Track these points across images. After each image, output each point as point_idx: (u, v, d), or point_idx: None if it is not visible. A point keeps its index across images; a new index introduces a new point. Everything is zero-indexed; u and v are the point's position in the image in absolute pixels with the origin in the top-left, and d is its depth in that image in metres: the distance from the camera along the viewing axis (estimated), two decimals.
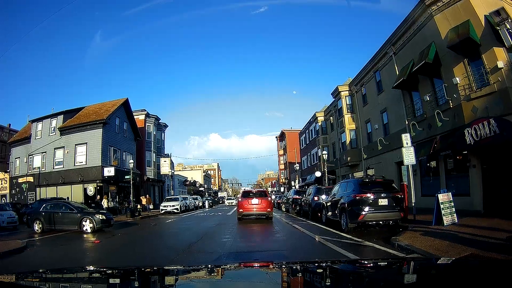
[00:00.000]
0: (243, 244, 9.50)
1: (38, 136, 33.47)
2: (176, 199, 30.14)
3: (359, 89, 26.68)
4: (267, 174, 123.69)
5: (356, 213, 10.82)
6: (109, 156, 30.84)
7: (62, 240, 11.79)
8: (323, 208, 14.30)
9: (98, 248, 10.13)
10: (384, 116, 23.03)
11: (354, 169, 27.05)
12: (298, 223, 14.73)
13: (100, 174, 29.27)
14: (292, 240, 10.28)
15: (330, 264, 2.42)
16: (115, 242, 11.07)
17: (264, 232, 12.45)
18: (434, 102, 18.19)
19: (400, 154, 21.59)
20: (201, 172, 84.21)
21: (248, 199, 16.58)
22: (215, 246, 8.92)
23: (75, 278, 2.05)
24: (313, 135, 40.25)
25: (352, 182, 11.87)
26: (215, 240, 10.26)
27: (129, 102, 35.14)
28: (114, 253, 9.04)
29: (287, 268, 2.31)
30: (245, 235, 11.36)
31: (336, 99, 28.97)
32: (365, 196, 10.97)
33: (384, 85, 23.15)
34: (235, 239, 10.22)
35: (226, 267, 2.70)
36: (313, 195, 17.27)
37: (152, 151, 39.10)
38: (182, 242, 10.34)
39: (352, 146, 26.40)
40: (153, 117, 40.08)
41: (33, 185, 31.95)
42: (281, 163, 68.91)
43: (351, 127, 26.69)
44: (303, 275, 2.12)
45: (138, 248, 9.59)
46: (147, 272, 2.25)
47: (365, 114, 25.35)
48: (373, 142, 24.00)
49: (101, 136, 30.21)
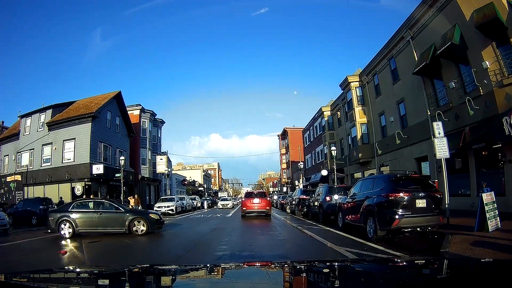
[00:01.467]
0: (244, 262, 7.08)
1: (27, 132, 31.32)
2: (171, 199, 27.83)
3: (371, 79, 24.33)
4: (268, 174, 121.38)
5: (388, 218, 8.47)
6: (98, 153, 28.53)
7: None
8: (339, 211, 11.94)
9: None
10: (401, 107, 20.69)
11: (366, 167, 24.66)
12: (309, 228, 12.36)
13: (88, 172, 26.99)
14: (309, 253, 7.91)
15: (330, 264, 2.39)
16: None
17: (269, 241, 10.05)
18: (461, 89, 16.15)
19: (421, 148, 19.44)
20: (200, 171, 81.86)
21: (250, 199, 18.92)
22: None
23: (63, 278, 1.96)
24: (318, 132, 37.86)
25: (381, 178, 9.49)
26: (208, 254, 7.92)
27: (122, 95, 32.89)
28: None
29: (288, 267, 2.22)
30: (246, 246, 8.97)
31: (345, 91, 26.59)
32: (399, 196, 8.62)
33: (401, 73, 20.85)
34: (233, 251, 7.82)
35: (226, 266, 2.58)
36: (324, 195, 14.93)
37: (148, 148, 36.75)
38: (164, 256, 8.07)
39: (364, 142, 24.02)
40: (148, 112, 37.74)
41: (21, 184, 29.68)
42: (283, 162, 66.47)
43: (362, 120, 24.31)
44: (304, 274, 2.06)
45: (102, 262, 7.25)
46: (144, 272, 2.22)
47: (378, 106, 22.99)
48: (388, 136, 21.63)
49: (89, 131, 27.93)
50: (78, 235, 11.70)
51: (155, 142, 39.25)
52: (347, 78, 25.61)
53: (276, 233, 11.81)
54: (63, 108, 31.70)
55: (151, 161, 37.16)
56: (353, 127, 25.02)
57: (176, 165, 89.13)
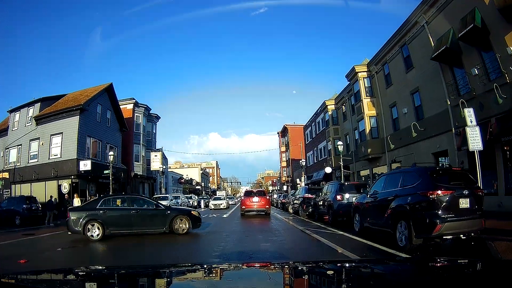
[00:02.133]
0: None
1: (15, 127, 29.57)
2: (164, 198, 25.93)
3: (380, 69, 22.50)
4: (266, 173, 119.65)
5: (428, 222, 6.65)
6: (87, 148, 26.64)
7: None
8: (356, 212, 10.10)
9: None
10: (416, 98, 18.89)
11: (375, 164, 22.82)
12: (318, 232, 10.51)
13: (75, 169, 25.12)
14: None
15: (331, 264, 2.37)
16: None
17: (274, 250, 8.13)
18: (485, 77, 14.60)
19: (439, 142, 17.58)
20: (198, 170, 79.91)
21: (249, 198, 18.65)
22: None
23: (68, 279, 1.91)
24: (320, 128, 35.97)
25: (415, 172, 7.60)
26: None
27: (113, 87, 31.02)
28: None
29: (288, 268, 2.20)
30: (244, 257, 7.07)
31: (351, 82, 24.72)
32: (441, 194, 6.80)
33: (415, 61, 19.09)
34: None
35: (225, 267, 2.49)
36: (334, 194, 13.08)
37: (141, 145, 34.84)
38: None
39: (373, 136, 22.16)
40: (142, 106, 35.81)
41: (9, 182, 27.80)
42: (283, 160, 64.58)
43: (371, 113, 22.45)
44: (305, 275, 2.05)
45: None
46: (140, 272, 2.21)
47: (389, 97, 21.16)
48: (400, 129, 19.80)
49: (77, 125, 26.01)
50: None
51: (149, 138, 37.32)
52: (354, 68, 23.76)
53: (281, 238, 9.95)
54: (53, 101, 29.88)
55: (145, 157, 35.26)
56: (361, 120, 23.15)
57: (174, 163, 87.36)
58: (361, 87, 23.19)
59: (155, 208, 11.16)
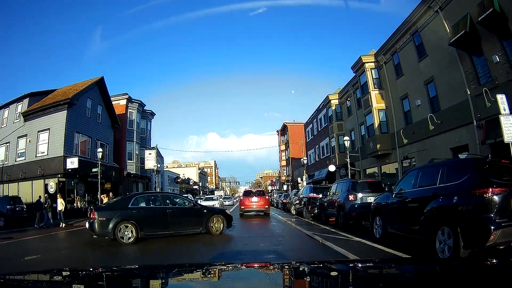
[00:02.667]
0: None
1: (4, 124, 27.97)
2: None
3: (389, 59, 20.91)
4: (265, 173, 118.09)
5: (481, 229, 5.07)
6: (75, 145, 24.98)
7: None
8: (376, 215, 8.51)
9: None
10: (431, 88, 17.33)
11: (384, 160, 21.20)
12: (330, 239, 8.89)
13: (61, 167, 23.44)
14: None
15: (332, 265, 2.28)
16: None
17: (282, 261, 6.54)
18: (508, 64, 13.48)
19: (458, 135, 15.93)
20: (196, 169, 78.18)
21: (248, 198, 18.09)
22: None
23: (66, 279, 1.84)
24: (323, 124, 34.33)
25: (459, 165, 6.04)
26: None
27: (104, 82, 29.32)
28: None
29: (287, 269, 2.09)
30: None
31: (357, 74, 23.10)
32: (496, 193, 5.21)
33: (428, 48, 17.54)
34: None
35: (223, 267, 2.31)
36: (345, 193, 11.49)
37: (135, 142, 33.16)
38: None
39: (382, 131, 20.55)
40: (136, 102, 34.12)
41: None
42: (282, 159, 62.93)
43: (379, 106, 20.84)
44: (304, 275, 1.97)
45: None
46: (137, 272, 2.14)
47: (400, 88, 19.56)
48: (413, 123, 18.21)
49: (65, 120, 24.35)
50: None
51: (143, 136, 35.62)
52: (360, 58, 22.16)
53: (288, 247, 8.33)
54: (42, 97, 28.22)
55: (138, 156, 33.58)
56: (368, 114, 21.52)
57: (171, 163, 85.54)
58: (369, 78, 21.59)
59: (192, 207, 10.54)
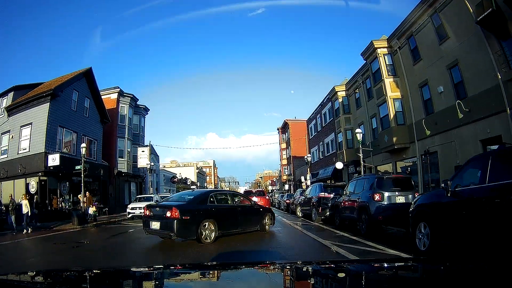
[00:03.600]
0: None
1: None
2: (148, 199, 22.12)
3: (405, 43, 18.76)
4: (265, 173, 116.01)
5: None
6: (58, 140, 22.80)
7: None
8: (421, 220, 6.36)
9: None
10: (454, 73, 15.20)
11: (399, 155, 18.99)
12: (358, 252, 6.72)
13: (42, 164, 21.27)
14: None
15: (332, 265, 2.26)
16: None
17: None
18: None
19: (490, 126, 13.62)
20: (194, 168, 75.99)
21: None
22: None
23: (63, 280, 1.79)
24: (328, 119, 32.15)
25: None
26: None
27: (93, 73, 27.13)
28: None
29: (288, 268, 2.06)
30: None
31: (368, 61, 20.94)
32: None
33: (450, 30, 15.50)
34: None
35: (222, 267, 2.26)
36: (370, 192, 9.36)
37: (126, 139, 30.94)
38: None
39: (398, 122, 18.37)
40: (128, 96, 31.88)
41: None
42: (283, 158, 60.73)
43: (395, 95, 18.68)
44: (305, 275, 1.92)
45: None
46: (135, 272, 2.07)
47: (418, 74, 17.42)
48: (435, 113, 16.06)
49: (47, 113, 22.18)
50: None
51: (136, 132, 33.40)
52: (372, 43, 20.01)
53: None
54: (28, 90, 26.01)
55: (131, 153, 31.37)
56: (382, 104, 19.32)
57: (170, 162, 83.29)
58: (382, 65, 19.43)
59: (252, 205, 10.80)
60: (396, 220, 9.22)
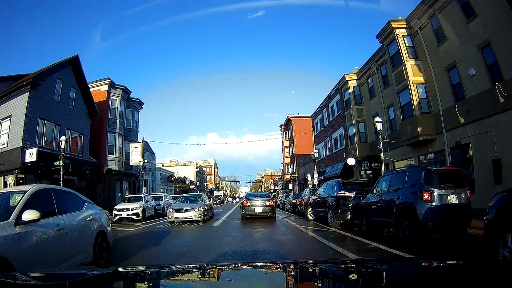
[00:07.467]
0: None
1: None
2: (138, 199, 19.83)
3: (426, 23, 16.42)
4: (266, 173, 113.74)
5: None
6: (38, 134, 20.50)
7: None
8: (509, 229, 4.01)
9: None
10: (487, 53, 12.87)
11: (423, 149, 16.59)
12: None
13: (19, 160, 19.00)
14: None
15: (333, 265, 2.20)
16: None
17: None
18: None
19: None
20: (193, 168, 73.64)
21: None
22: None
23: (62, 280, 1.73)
24: (336, 112, 29.74)
25: None
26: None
27: (79, 61, 24.77)
28: None
29: (290, 268, 1.99)
30: None
31: (385, 44, 18.56)
32: None
33: (477, 7, 13.27)
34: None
35: (223, 267, 2.21)
36: (415, 190, 7.08)
37: (117, 134, 28.62)
38: None
39: (423, 111, 16.00)
40: (120, 88, 29.54)
41: None
42: (286, 156, 58.35)
43: (417, 80, 16.31)
44: (305, 275, 1.86)
45: None
46: (136, 272, 2.03)
47: (444, 56, 15.08)
48: (466, 98, 13.71)
49: (26, 104, 19.92)
50: None
51: (129, 127, 31.06)
52: (389, 23, 17.67)
53: None
54: (13, 82, 23.73)
55: (122, 150, 29.05)
56: (403, 90, 16.92)
57: (169, 162, 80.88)
58: (402, 47, 17.08)
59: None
60: (449, 226, 6.95)
